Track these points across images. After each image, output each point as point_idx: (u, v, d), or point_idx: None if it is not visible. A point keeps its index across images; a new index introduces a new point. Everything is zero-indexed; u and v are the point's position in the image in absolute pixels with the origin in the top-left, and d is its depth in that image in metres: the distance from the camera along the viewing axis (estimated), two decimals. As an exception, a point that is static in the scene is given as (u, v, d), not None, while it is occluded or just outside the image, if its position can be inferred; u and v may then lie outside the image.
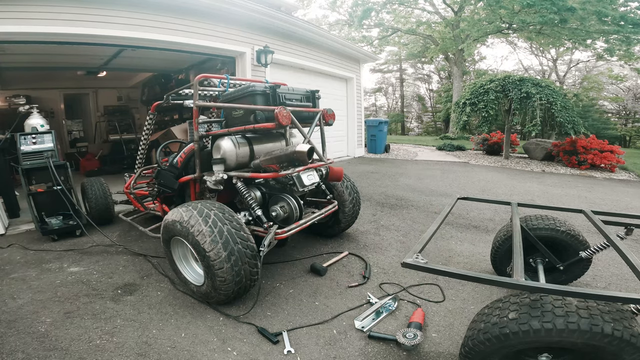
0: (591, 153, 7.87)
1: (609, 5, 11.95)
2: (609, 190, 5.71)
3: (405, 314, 2.04)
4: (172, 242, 2.23)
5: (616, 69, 21.71)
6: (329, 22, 23.96)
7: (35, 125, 3.62)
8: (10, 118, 5.46)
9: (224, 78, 2.86)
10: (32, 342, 1.79)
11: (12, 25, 3.75)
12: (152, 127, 3.35)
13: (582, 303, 1.17)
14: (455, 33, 17.04)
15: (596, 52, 15.21)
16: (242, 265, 1.94)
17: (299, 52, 7.23)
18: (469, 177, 6.70)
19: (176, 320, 1.99)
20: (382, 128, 10.41)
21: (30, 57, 5.86)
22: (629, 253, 1.42)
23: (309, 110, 2.61)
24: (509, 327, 1.18)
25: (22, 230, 3.61)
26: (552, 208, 2.33)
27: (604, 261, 2.73)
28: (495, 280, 1.31)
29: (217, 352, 1.72)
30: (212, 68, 6.91)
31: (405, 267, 1.45)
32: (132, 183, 3.53)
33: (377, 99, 34.54)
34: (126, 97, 9.83)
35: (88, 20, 4.16)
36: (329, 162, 2.59)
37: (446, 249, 3.06)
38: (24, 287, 2.39)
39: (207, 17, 5.23)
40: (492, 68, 26.90)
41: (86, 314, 2.05)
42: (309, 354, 1.71)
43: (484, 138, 10.65)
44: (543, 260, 2.17)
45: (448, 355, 1.69)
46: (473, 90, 8.81)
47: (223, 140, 2.45)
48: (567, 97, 8.72)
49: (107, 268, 2.70)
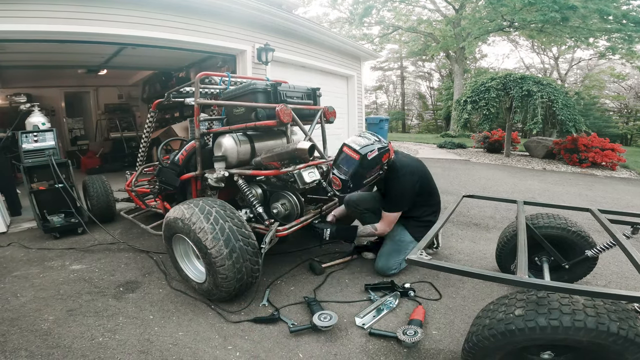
0: (592, 151, 7.86)
1: (611, 4, 11.88)
2: (610, 189, 5.70)
3: (406, 312, 2.04)
4: (173, 239, 2.23)
5: (618, 67, 21.64)
6: (329, 20, 23.88)
7: (36, 123, 3.62)
8: (11, 116, 5.48)
9: (225, 76, 2.85)
10: (35, 339, 1.79)
11: (13, 23, 3.74)
12: (153, 125, 3.34)
13: (589, 301, 1.16)
14: (456, 31, 16.97)
15: (598, 50, 15.16)
16: (244, 262, 1.94)
17: (300, 49, 7.20)
18: (470, 174, 6.69)
19: (178, 318, 1.99)
20: (383, 126, 10.38)
21: (30, 55, 5.84)
22: (634, 252, 1.41)
23: (310, 107, 2.61)
24: (515, 324, 1.18)
25: (24, 228, 3.61)
26: (559, 207, 2.28)
27: (604, 259, 2.72)
28: (500, 278, 1.31)
29: (218, 349, 1.72)
30: (212, 66, 6.89)
31: (409, 263, 1.45)
32: (133, 181, 3.53)
33: (378, 96, 34.53)
34: (127, 95, 9.82)
35: (88, 18, 4.15)
36: (330, 159, 2.59)
37: (447, 246, 3.06)
38: (27, 285, 2.40)
39: (207, 14, 5.22)
40: (494, 66, 26.85)
41: (88, 311, 2.06)
42: (310, 351, 1.71)
43: (485, 136, 10.64)
44: (549, 259, 2.16)
45: (448, 353, 1.69)
46: (474, 88, 8.79)
47: (224, 137, 2.44)
48: (568, 95, 8.69)
49: (108, 266, 2.70)
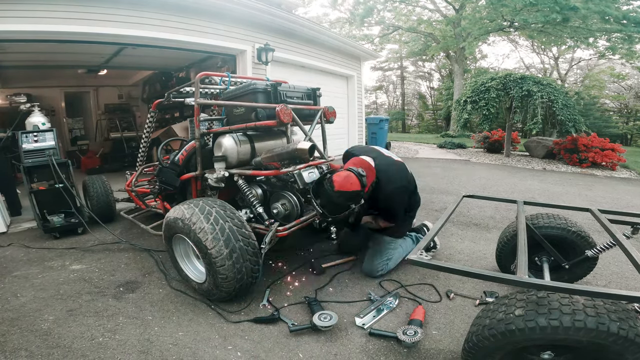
0: (592, 151, 7.86)
1: (612, 4, 11.88)
2: (610, 189, 5.70)
3: (406, 312, 2.04)
4: (173, 239, 2.23)
5: (618, 67, 21.64)
6: (329, 20, 23.90)
7: (36, 123, 3.62)
8: (11, 116, 5.48)
9: (225, 76, 2.85)
10: (35, 339, 1.79)
11: (13, 23, 3.75)
12: (153, 125, 3.34)
13: (589, 301, 1.16)
14: (456, 31, 16.97)
15: (598, 50, 15.15)
16: (244, 262, 1.94)
17: (300, 50, 7.21)
18: (469, 174, 6.69)
19: (178, 318, 1.99)
20: (383, 126, 10.38)
21: (30, 55, 5.85)
22: (634, 252, 1.41)
23: (310, 107, 2.61)
24: (515, 324, 1.18)
25: (24, 228, 3.62)
26: (559, 207, 2.28)
27: (604, 259, 2.72)
28: (500, 278, 1.31)
29: (218, 349, 1.72)
30: (212, 66, 6.89)
31: (409, 263, 1.44)
32: (133, 181, 3.53)
33: (378, 96, 34.55)
34: (127, 95, 9.82)
35: (88, 18, 4.16)
36: (330, 159, 2.59)
37: (447, 246, 3.06)
38: (27, 285, 2.40)
39: (207, 15, 5.22)
40: (494, 66, 26.85)
41: (88, 311, 2.06)
42: (310, 351, 1.71)
43: (485, 136, 10.64)
44: (549, 259, 2.16)
45: (448, 353, 1.69)
46: (474, 88, 8.79)
47: (224, 137, 2.44)
48: (568, 95, 8.69)
49: (108, 266, 2.70)
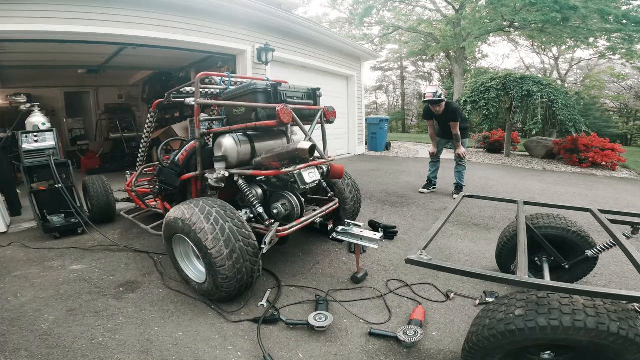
0: (592, 151, 7.86)
1: (612, 4, 11.87)
2: (610, 189, 5.70)
3: (406, 312, 2.04)
4: (174, 239, 2.23)
5: (618, 67, 21.64)
6: (329, 20, 23.86)
7: (36, 123, 3.62)
8: (11, 116, 5.49)
9: (225, 76, 2.85)
10: (35, 339, 1.79)
11: (13, 23, 3.75)
12: (153, 125, 3.34)
13: (589, 301, 1.16)
14: (456, 31, 16.95)
15: (598, 50, 15.15)
16: (244, 262, 1.94)
17: (300, 50, 7.21)
18: (469, 174, 6.67)
19: (178, 318, 1.99)
20: (383, 126, 10.39)
21: (30, 55, 5.85)
22: (634, 252, 1.41)
23: (310, 108, 2.60)
24: (515, 324, 1.18)
25: (24, 228, 3.61)
26: (559, 207, 2.28)
27: (604, 259, 2.72)
28: (500, 278, 1.31)
29: (218, 349, 1.72)
30: (212, 66, 6.89)
31: (409, 263, 1.44)
32: (133, 181, 3.53)
33: (378, 96, 34.50)
34: (127, 95, 9.82)
35: (89, 18, 4.16)
36: (330, 159, 2.59)
37: (447, 246, 3.06)
38: (27, 285, 2.40)
39: (207, 15, 5.22)
40: (494, 66, 26.82)
41: (88, 311, 2.06)
42: (310, 351, 1.71)
43: (485, 136, 10.64)
44: (549, 259, 2.15)
45: (448, 353, 1.69)
46: (474, 89, 8.78)
47: (224, 138, 2.44)
48: (568, 95, 8.68)
49: (108, 266, 2.70)
